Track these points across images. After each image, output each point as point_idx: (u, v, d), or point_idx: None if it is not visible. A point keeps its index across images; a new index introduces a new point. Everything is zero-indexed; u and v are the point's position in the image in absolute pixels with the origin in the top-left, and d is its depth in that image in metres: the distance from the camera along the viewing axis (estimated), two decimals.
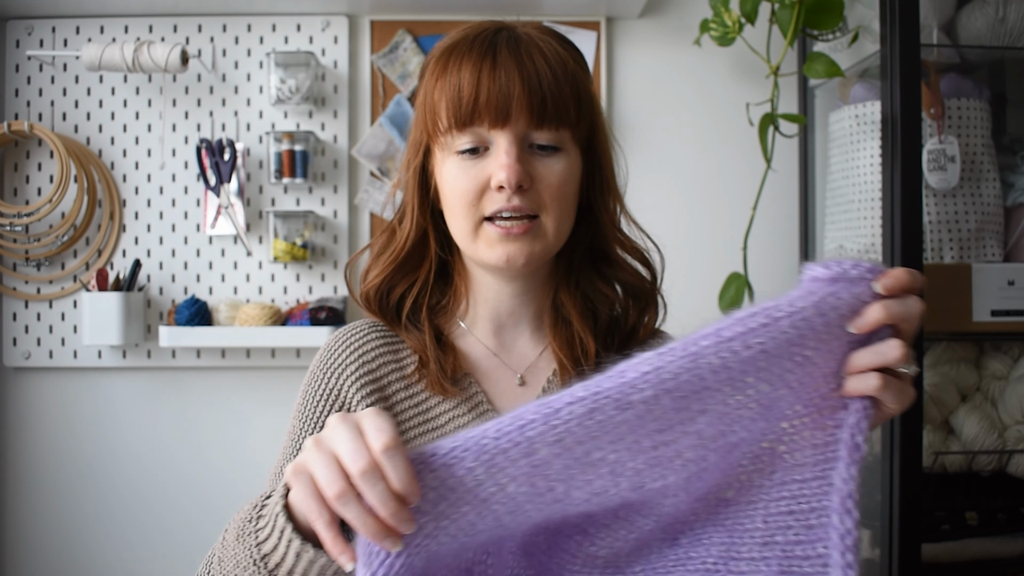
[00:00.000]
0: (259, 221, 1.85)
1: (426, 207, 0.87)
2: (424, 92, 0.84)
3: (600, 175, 0.87)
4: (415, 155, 0.86)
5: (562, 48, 0.82)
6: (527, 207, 0.79)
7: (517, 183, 0.77)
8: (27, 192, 1.84)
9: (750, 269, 1.68)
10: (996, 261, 1.56)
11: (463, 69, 0.79)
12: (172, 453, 1.86)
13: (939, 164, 1.51)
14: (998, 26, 1.52)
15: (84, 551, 1.85)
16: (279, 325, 1.76)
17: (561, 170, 0.81)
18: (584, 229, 0.88)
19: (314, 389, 0.87)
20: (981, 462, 1.52)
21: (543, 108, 0.78)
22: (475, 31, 0.82)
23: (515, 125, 0.78)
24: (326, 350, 0.89)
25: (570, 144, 0.82)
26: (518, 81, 0.77)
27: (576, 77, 0.81)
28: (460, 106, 0.78)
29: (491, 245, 0.80)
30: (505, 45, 0.79)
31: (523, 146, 0.79)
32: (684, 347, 0.55)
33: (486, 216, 0.80)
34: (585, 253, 0.90)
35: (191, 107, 1.86)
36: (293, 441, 0.87)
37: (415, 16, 1.87)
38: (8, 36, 1.85)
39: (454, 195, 0.81)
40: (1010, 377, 1.55)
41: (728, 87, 1.90)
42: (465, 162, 0.80)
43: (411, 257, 0.88)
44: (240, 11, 1.86)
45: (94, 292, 1.74)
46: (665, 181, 1.89)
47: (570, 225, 0.85)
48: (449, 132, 0.80)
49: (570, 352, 0.87)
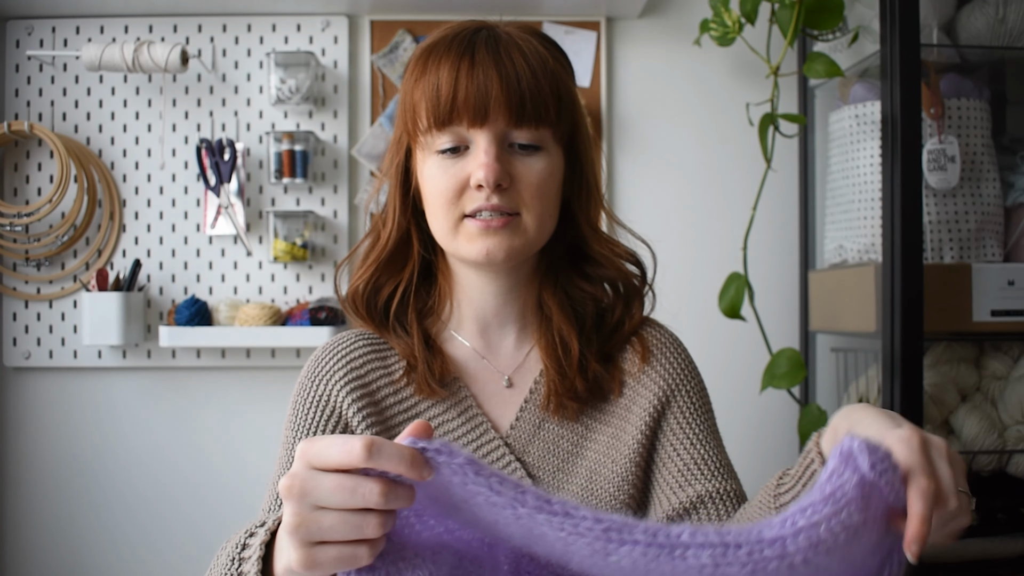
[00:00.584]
0: (259, 221, 1.86)
1: (407, 206, 0.87)
2: (404, 92, 0.84)
3: (580, 174, 0.88)
4: (396, 154, 0.87)
5: (542, 47, 0.82)
6: (506, 206, 0.79)
7: (496, 182, 0.78)
8: (27, 192, 1.84)
9: (750, 269, 1.68)
10: (996, 261, 1.56)
11: (441, 69, 0.79)
12: (172, 453, 1.86)
13: (939, 164, 1.51)
14: (998, 26, 1.52)
15: (84, 551, 1.85)
16: (279, 325, 1.76)
17: (541, 169, 0.81)
18: (564, 228, 0.88)
19: (304, 398, 0.87)
20: (981, 462, 1.52)
21: (522, 107, 0.78)
22: (455, 31, 0.82)
23: (494, 124, 0.78)
24: (314, 360, 0.89)
25: (551, 143, 0.82)
26: (496, 80, 0.77)
27: (556, 76, 0.81)
28: (439, 106, 0.78)
29: (471, 240, 0.81)
30: (484, 44, 0.79)
31: (503, 145, 0.80)
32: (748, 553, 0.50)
33: (466, 213, 0.80)
34: (565, 252, 0.90)
35: (191, 107, 1.86)
36: (288, 451, 0.86)
37: (415, 16, 1.87)
38: (8, 36, 1.85)
39: (434, 194, 0.81)
40: (1010, 377, 1.55)
41: (728, 87, 1.90)
42: (445, 161, 0.80)
43: (394, 257, 0.88)
44: (240, 11, 1.86)
45: (94, 292, 1.74)
46: (665, 181, 1.89)
47: (552, 223, 0.85)
48: (429, 132, 0.80)
49: (554, 354, 0.87)
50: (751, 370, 1.74)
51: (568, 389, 0.86)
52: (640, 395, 0.88)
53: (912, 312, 1.34)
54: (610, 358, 0.90)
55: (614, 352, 0.91)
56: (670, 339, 0.94)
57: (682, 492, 0.83)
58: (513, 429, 0.87)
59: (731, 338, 1.77)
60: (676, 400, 0.89)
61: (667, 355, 0.91)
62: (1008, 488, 1.52)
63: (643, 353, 0.90)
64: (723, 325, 1.70)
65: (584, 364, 0.88)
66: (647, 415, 0.87)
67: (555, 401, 0.86)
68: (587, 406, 0.88)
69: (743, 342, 1.76)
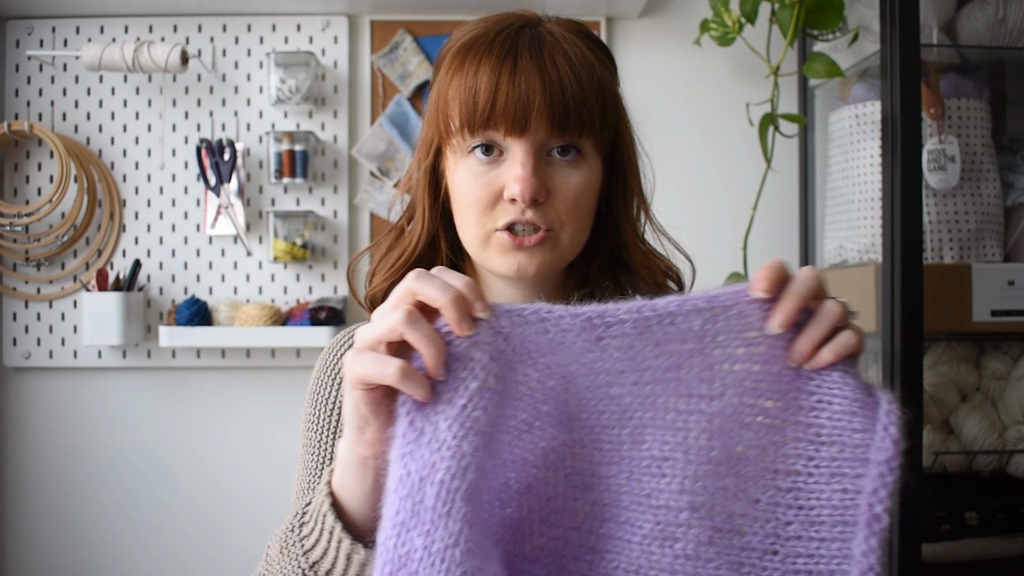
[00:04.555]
0: (259, 221, 1.85)
1: (436, 210, 0.83)
2: (438, 89, 0.78)
3: (623, 183, 0.83)
4: (426, 155, 0.82)
5: (588, 49, 0.77)
6: (541, 221, 0.74)
7: (532, 198, 0.73)
8: (27, 192, 1.84)
9: (750, 269, 1.68)
10: (996, 261, 1.56)
11: (481, 71, 0.73)
12: (172, 453, 1.86)
13: (939, 164, 1.51)
14: (998, 26, 1.52)
15: (84, 551, 1.85)
16: (279, 325, 1.76)
17: (579, 182, 0.76)
18: (604, 238, 0.84)
19: (323, 397, 0.84)
20: (981, 462, 1.52)
21: (565, 118, 0.73)
22: (497, 26, 0.76)
23: (534, 135, 0.73)
24: (329, 354, 0.86)
25: (591, 152, 0.77)
26: (539, 89, 0.72)
27: (603, 83, 0.77)
28: (475, 111, 0.73)
29: (503, 254, 0.76)
30: (527, 47, 0.74)
31: (540, 155, 0.75)
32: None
33: (498, 228, 0.75)
34: (604, 263, 0.86)
35: (191, 107, 1.86)
36: (311, 453, 0.83)
37: (415, 16, 1.87)
38: (8, 36, 1.85)
39: (466, 203, 0.76)
40: (1010, 377, 1.55)
41: (728, 87, 1.90)
42: (479, 167, 0.75)
43: (421, 261, 0.84)
44: (240, 11, 1.86)
45: (94, 292, 1.74)
46: (665, 181, 1.88)
47: (586, 236, 0.81)
48: (461, 134, 0.75)
49: None
50: None
51: None
52: None
53: (912, 312, 1.34)
54: None
55: None
56: None
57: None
58: None
59: None
60: None
61: None
62: (1008, 488, 1.52)
63: None
64: None
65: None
66: None
67: None
68: None
69: None
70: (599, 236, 0.84)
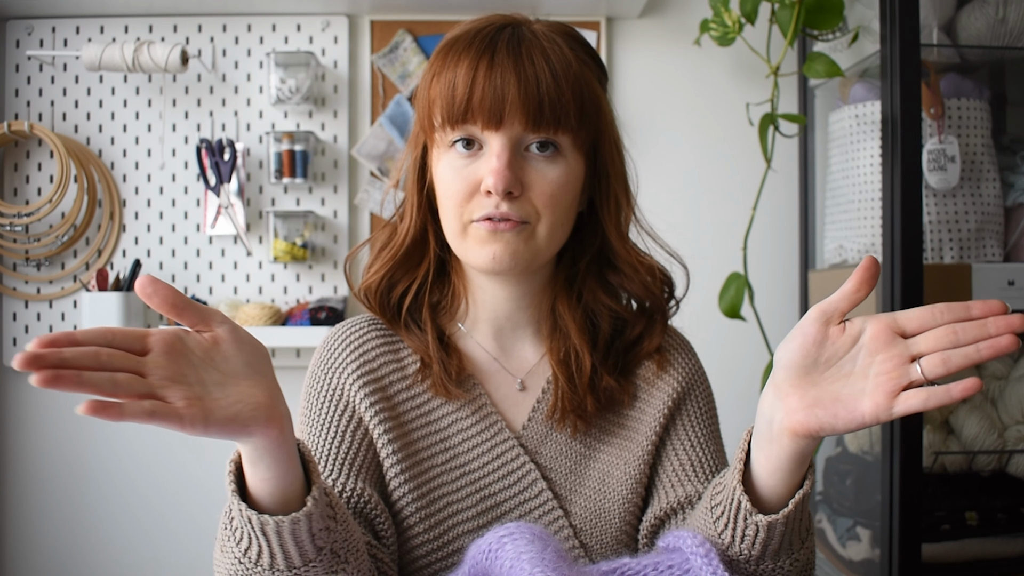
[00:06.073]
0: (259, 221, 1.86)
1: (423, 204, 0.86)
2: (422, 87, 0.81)
3: (606, 182, 0.85)
4: (414, 150, 0.85)
5: (569, 48, 0.78)
6: (516, 215, 0.77)
7: (506, 189, 0.75)
8: (27, 192, 1.84)
9: (750, 269, 1.68)
10: (996, 261, 1.56)
11: (459, 66, 0.76)
12: (171, 453, 1.86)
13: (939, 164, 1.51)
14: (998, 26, 1.52)
15: (84, 551, 1.85)
16: (279, 325, 1.76)
17: (556, 177, 0.78)
18: (591, 238, 0.86)
19: (317, 391, 0.86)
20: (981, 462, 1.52)
21: (539, 112, 0.75)
22: (479, 25, 0.79)
23: (509, 128, 0.76)
24: (325, 348, 0.87)
25: (570, 149, 0.79)
26: (514, 83, 0.74)
27: (580, 80, 0.78)
28: (453, 104, 0.76)
29: (480, 244, 0.78)
30: (505, 44, 0.76)
31: (517, 149, 0.77)
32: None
33: (474, 219, 0.78)
34: (591, 263, 0.87)
35: (191, 107, 1.86)
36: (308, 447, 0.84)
37: (415, 16, 1.87)
38: (8, 36, 1.85)
39: (446, 195, 0.80)
40: (1010, 377, 1.55)
41: (728, 87, 1.90)
42: (458, 160, 0.78)
43: (411, 254, 0.87)
44: (240, 11, 1.86)
45: (94, 292, 1.74)
46: (665, 181, 1.89)
47: (565, 233, 0.82)
48: (443, 129, 0.78)
49: (565, 367, 0.85)
50: (751, 370, 1.74)
51: (577, 405, 0.85)
52: (655, 398, 0.88)
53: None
54: (625, 372, 0.89)
55: (630, 366, 0.89)
56: (684, 345, 0.93)
57: (673, 492, 0.84)
58: (525, 430, 0.86)
59: (731, 338, 1.77)
60: (686, 404, 0.89)
61: (682, 362, 0.91)
62: (1008, 488, 1.52)
63: (660, 360, 0.89)
64: (723, 325, 1.70)
65: (596, 380, 0.86)
66: (661, 417, 0.87)
67: (560, 415, 0.85)
68: (596, 416, 0.87)
69: (743, 342, 1.76)
70: (585, 235, 0.86)
